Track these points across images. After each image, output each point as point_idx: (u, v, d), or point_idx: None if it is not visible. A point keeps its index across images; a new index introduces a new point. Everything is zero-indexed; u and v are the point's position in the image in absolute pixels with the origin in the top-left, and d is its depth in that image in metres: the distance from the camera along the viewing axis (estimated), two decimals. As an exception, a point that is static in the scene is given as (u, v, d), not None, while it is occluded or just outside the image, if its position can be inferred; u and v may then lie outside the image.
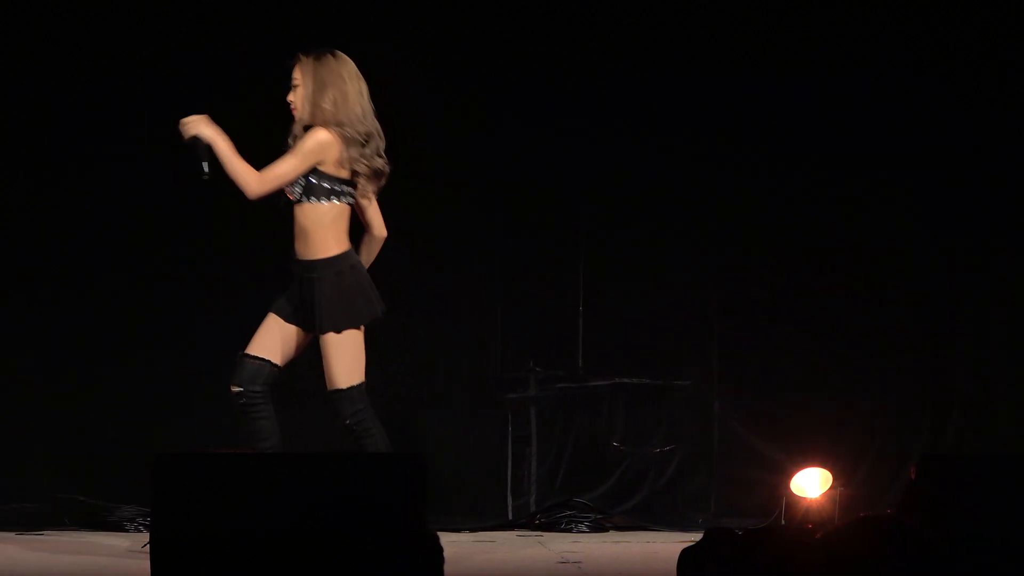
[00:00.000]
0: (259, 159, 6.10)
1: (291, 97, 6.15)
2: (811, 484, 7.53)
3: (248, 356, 6.17)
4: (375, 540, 4.24)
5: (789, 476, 7.57)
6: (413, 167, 7.75)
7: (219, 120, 6.11)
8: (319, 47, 6.18)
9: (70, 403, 7.63)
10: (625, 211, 8.03)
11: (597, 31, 8.00)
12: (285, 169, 6.04)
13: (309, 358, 6.27)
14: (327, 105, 6.06)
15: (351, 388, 6.07)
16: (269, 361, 6.15)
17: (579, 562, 6.52)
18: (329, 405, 6.15)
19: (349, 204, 6.14)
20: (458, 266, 7.99)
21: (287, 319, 6.19)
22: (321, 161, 6.05)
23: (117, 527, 7.41)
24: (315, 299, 6.07)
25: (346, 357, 6.06)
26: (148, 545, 4.55)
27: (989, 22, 7.99)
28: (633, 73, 8.00)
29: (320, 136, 6.05)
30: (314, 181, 6.06)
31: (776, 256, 8.05)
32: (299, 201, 6.08)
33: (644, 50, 8.00)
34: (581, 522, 7.74)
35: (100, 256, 7.69)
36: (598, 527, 7.73)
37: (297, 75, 6.14)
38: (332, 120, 6.06)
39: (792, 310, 8.05)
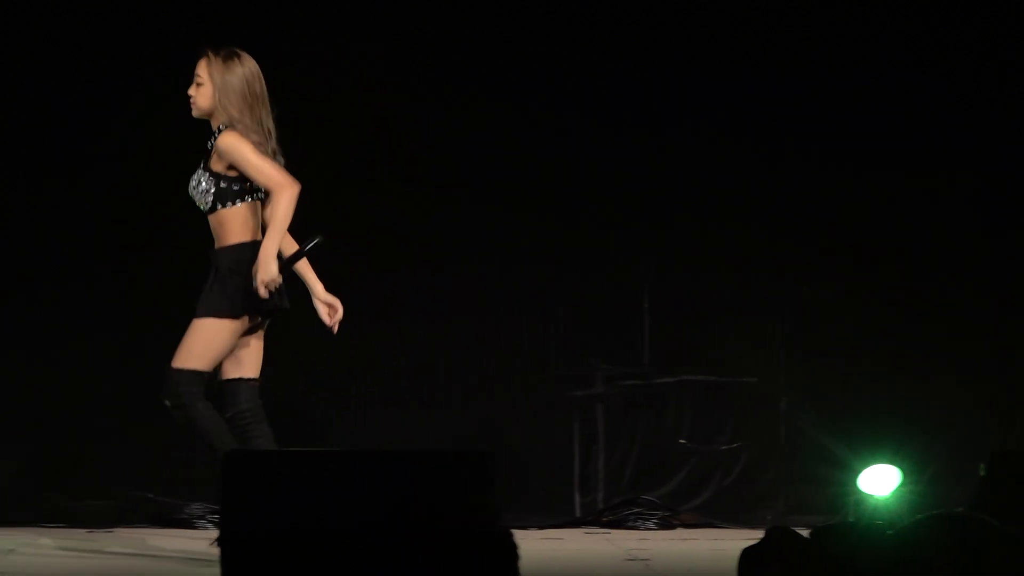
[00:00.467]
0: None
1: (193, 92, 6.14)
2: (880, 481, 7.47)
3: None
4: (447, 538, 4.25)
5: (858, 473, 7.52)
6: (471, 167, 7.81)
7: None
8: (225, 45, 6.17)
9: (139, 401, 7.66)
10: (692, 207, 8.00)
11: (672, 24, 8.01)
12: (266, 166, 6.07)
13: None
14: (233, 110, 6.07)
15: (183, 370, 6.03)
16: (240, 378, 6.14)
17: (647, 560, 6.50)
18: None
19: (260, 200, 6.13)
20: (523, 265, 7.99)
21: None
22: (229, 165, 6.08)
23: (186, 524, 7.45)
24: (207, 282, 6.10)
25: (194, 341, 6.04)
26: (217, 542, 4.57)
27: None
28: (699, 70, 7.98)
29: (239, 138, 6.04)
30: (224, 186, 6.07)
31: (844, 253, 7.99)
32: (213, 210, 6.10)
33: (708, 45, 7.99)
34: (649, 519, 7.73)
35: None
36: (666, 524, 7.72)
37: (203, 72, 6.13)
38: (237, 122, 6.06)
39: (860, 307, 8.00)
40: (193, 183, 6.12)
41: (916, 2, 8.00)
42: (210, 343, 6.00)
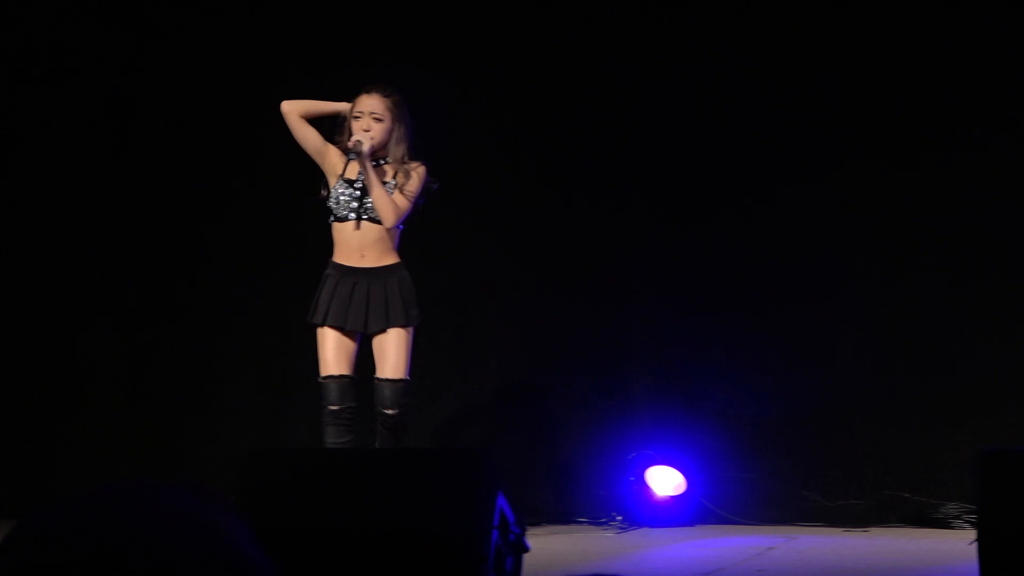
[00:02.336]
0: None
1: (370, 126, 6.56)
2: None
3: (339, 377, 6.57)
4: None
5: None
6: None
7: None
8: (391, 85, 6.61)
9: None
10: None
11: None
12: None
13: None
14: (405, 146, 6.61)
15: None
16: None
17: None
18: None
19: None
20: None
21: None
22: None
23: (942, 524, 7.30)
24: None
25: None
26: (975, 543, 4.41)
27: None
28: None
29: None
30: None
31: None
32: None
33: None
34: None
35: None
36: None
37: (382, 110, 6.57)
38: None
39: None
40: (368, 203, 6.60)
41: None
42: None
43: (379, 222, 6.52)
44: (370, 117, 6.59)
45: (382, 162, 6.59)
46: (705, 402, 7.63)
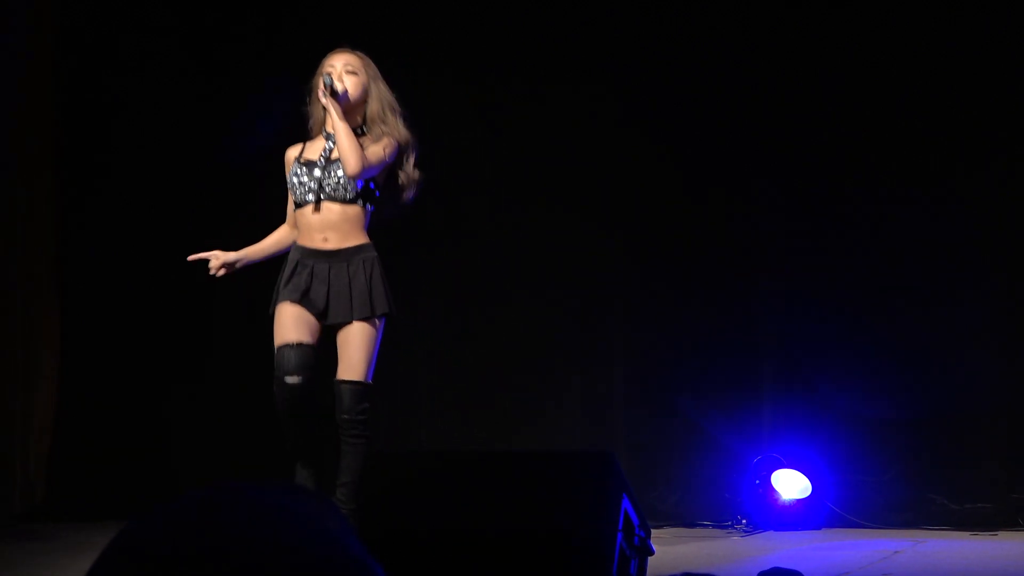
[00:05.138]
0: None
1: (344, 79, 5.84)
2: None
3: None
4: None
5: None
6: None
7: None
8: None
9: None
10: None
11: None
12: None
13: None
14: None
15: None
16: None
17: None
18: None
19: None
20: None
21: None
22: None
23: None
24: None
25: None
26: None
27: None
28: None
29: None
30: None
31: None
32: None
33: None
34: None
35: None
36: None
37: (356, 64, 5.88)
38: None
39: None
40: (339, 176, 5.90)
41: None
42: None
43: (341, 200, 5.78)
44: (344, 70, 5.86)
45: (360, 132, 5.85)
46: (831, 404, 7.59)
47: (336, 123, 5.72)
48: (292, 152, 5.94)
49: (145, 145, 8.27)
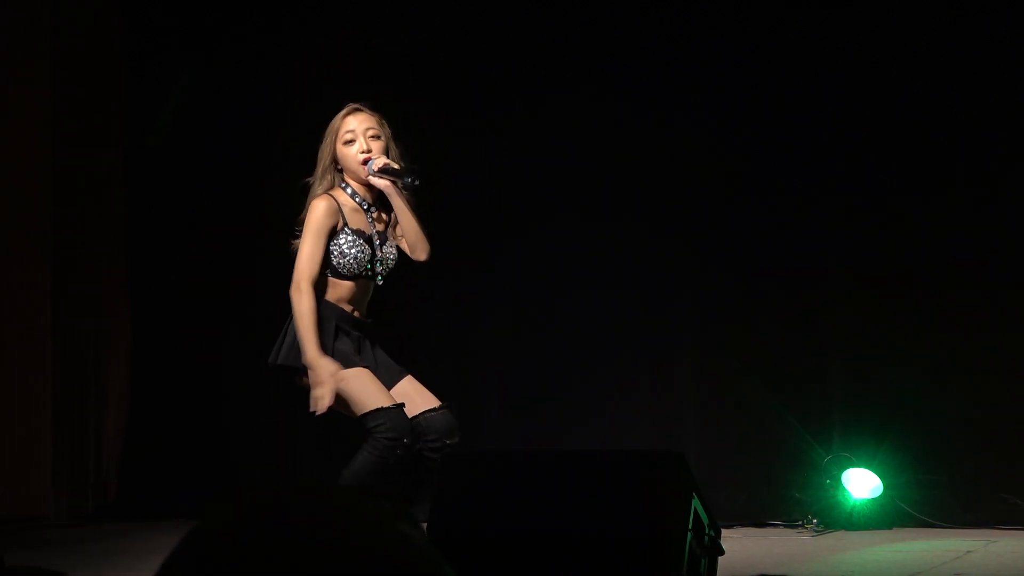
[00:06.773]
0: None
1: (371, 146, 5.58)
2: None
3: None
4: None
5: None
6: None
7: None
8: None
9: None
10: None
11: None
12: None
13: None
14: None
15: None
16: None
17: None
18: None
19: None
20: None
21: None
22: None
23: None
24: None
25: None
26: None
27: None
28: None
29: None
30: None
31: None
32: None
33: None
34: None
35: None
36: None
37: (377, 126, 5.63)
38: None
39: None
40: (391, 254, 5.70)
41: None
42: None
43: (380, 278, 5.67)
44: (365, 136, 5.62)
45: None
46: (901, 403, 7.53)
47: (401, 208, 5.60)
48: (331, 214, 5.57)
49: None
